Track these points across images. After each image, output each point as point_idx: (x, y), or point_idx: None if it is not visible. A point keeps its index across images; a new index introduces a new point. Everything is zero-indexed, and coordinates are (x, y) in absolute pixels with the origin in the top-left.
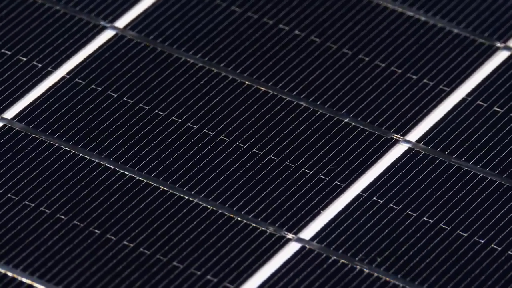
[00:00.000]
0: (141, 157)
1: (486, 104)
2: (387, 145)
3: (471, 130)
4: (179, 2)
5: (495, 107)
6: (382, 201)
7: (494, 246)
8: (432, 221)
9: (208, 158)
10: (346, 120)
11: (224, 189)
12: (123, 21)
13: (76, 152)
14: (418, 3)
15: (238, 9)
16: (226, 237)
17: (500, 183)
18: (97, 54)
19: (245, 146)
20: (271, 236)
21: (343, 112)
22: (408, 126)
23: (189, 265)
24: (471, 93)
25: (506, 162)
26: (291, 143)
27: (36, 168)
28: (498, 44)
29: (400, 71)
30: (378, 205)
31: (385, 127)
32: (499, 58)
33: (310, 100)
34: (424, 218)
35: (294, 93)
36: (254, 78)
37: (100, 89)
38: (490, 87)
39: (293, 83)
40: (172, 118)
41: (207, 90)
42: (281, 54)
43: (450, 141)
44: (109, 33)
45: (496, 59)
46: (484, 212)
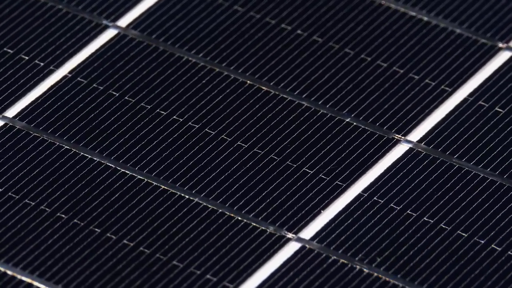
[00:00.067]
0: (142, 156)
1: (488, 105)
2: (388, 145)
3: (472, 130)
4: (182, 2)
5: (496, 108)
6: (382, 201)
7: (494, 247)
8: (433, 221)
9: (209, 157)
10: (347, 120)
11: (225, 189)
12: (126, 20)
13: (77, 151)
14: (420, 3)
15: (240, 9)
16: (226, 237)
17: (501, 184)
18: (99, 53)
19: (246, 146)
20: (271, 235)
21: (344, 112)
22: (410, 126)
23: (188, 264)
24: (473, 94)
25: (507, 163)
26: (292, 143)
27: (37, 167)
28: (500, 45)
29: (402, 71)
30: (379, 205)
31: (386, 127)
32: (501, 58)
33: (312, 99)
34: (424, 218)
35: (295, 93)
36: (255, 77)
37: (101, 88)
38: (492, 88)
39: (295, 83)
40: (174, 117)
41: (209, 90)
42: (283, 53)
43: (451, 142)
44: (111, 32)
45: (498, 60)
46: (484, 212)
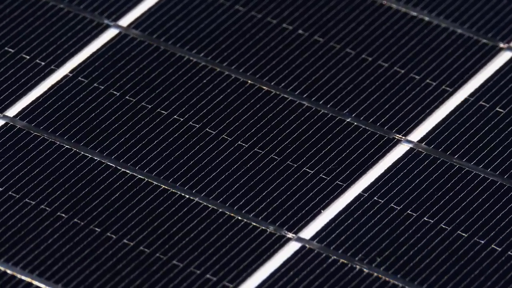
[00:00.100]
0: (142, 156)
1: (489, 105)
2: (389, 145)
3: (473, 130)
4: (183, 1)
5: (497, 108)
6: (382, 201)
7: (494, 247)
8: (433, 221)
9: (209, 157)
10: (348, 120)
11: (225, 188)
12: (127, 19)
13: (77, 150)
14: (422, 3)
15: (241, 8)
16: (226, 236)
17: (501, 184)
18: (100, 52)
19: (246, 145)
20: (271, 235)
21: (345, 112)
22: (410, 126)
23: (188, 264)
24: (473, 94)
25: (507, 163)
26: (292, 143)
27: (37, 166)
28: (501, 45)
29: (403, 71)
30: (379, 205)
31: (387, 127)
32: (502, 58)
33: (313, 99)
34: (424, 218)
35: (296, 93)
36: (256, 77)
37: (102, 87)
38: (493, 88)
39: (296, 83)
40: (174, 116)
41: (210, 89)
42: (284, 53)
43: (452, 142)
44: (112, 32)
45: (499, 60)
46: (484, 212)
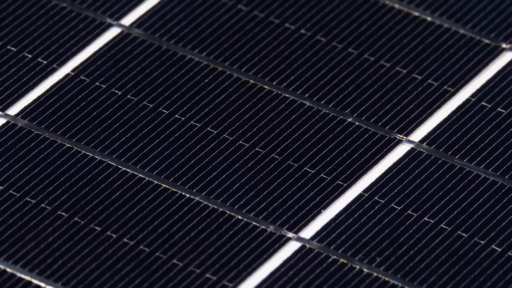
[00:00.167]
0: (144, 155)
1: (490, 105)
2: (390, 145)
3: (474, 131)
4: (185, 1)
5: (499, 108)
6: (383, 201)
7: (495, 247)
8: (433, 221)
9: (211, 156)
10: (349, 120)
11: (226, 188)
12: (129, 18)
13: (78, 149)
14: (424, 3)
15: (244, 8)
16: (226, 236)
17: (502, 184)
18: (103, 51)
19: (247, 145)
20: (271, 235)
21: (346, 112)
22: (412, 126)
23: (188, 263)
24: (475, 94)
25: (508, 163)
26: (293, 142)
27: (39, 165)
28: (503, 45)
29: (405, 71)
30: (379, 205)
31: (388, 127)
32: (504, 59)
33: (314, 99)
34: (425, 219)
35: (298, 92)
36: (258, 76)
37: (104, 86)
38: (494, 88)
39: (298, 82)
40: (176, 116)
41: (211, 89)
42: (286, 53)
43: (453, 142)
44: (115, 31)
45: (502, 60)
46: (485, 213)
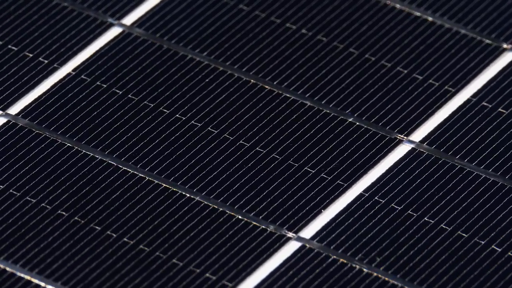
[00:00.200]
0: (144, 154)
1: (491, 106)
2: (391, 145)
3: (475, 131)
4: (186, 0)
5: (500, 109)
6: (383, 201)
7: (495, 247)
8: (433, 221)
9: (211, 156)
10: (350, 120)
11: (226, 187)
12: (131, 18)
13: (79, 149)
14: (426, 3)
15: (245, 8)
16: (227, 235)
17: (502, 184)
18: (104, 51)
19: (248, 145)
20: (271, 234)
21: (347, 112)
22: (412, 126)
23: (188, 262)
24: (476, 94)
25: (509, 164)
26: (294, 142)
27: (39, 164)
28: (504, 46)
29: (406, 71)
30: (380, 205)
31: (389, 127)
32: (505, 59)
33: (315, 99)
34: (425, 219)
35: (299, 92)
36: (259, 76)
37: (105, 86)
38: (495, 88)
39: (299, 82)
40: (177, 115)
41: (212, 88)
42: (287, 53)
43: (454, 142)
44: (116, 30)
45: (503, 60)
46: (485, 213)
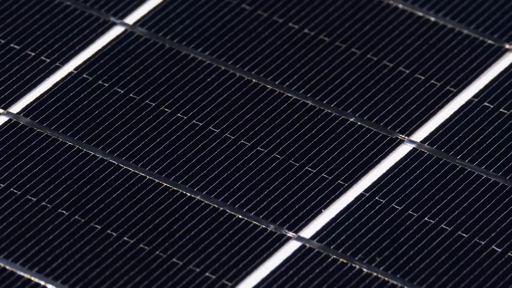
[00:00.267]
0: (145, 154)
1: (493, 106)
2: (392, 145)
3: (476, 131)
4: (189, 0)
5: (501, 109)
6: (384, 201)
7: (495, 248)
8: (434, 221)
9: (212, 155)
10: (351, 120)
11: (227, 187)
12: (133, 17)
13: (80, 148)
14: (429, 3)
15: (248, 7)
16: (227, 235)
17: (503, 185)
18: (106, 50)
19: (249, 144)
20: (272, 234)
21: (349, 112)
22: (414, 126)
23: (188, 262)
24: (478, 95)
25: (510, 164)
26: (295, 142)
27: (40, 163)
28: (507, 46)
29: (408, 71)
30: (380, 205)
31: (390, 127)
32: (507, 59)
33: (316, 99)
34: (425, 219)
35: (300, 92)
36: (261, 76)
37: (107, 85)
38: (497, 89)
39: (300, 82)
40: (178, 115)
41: (214, 88)
42: (290, 52)
43: (455, 142)
44: (118, 29)
45: (505, 61)
46: (486, 213)
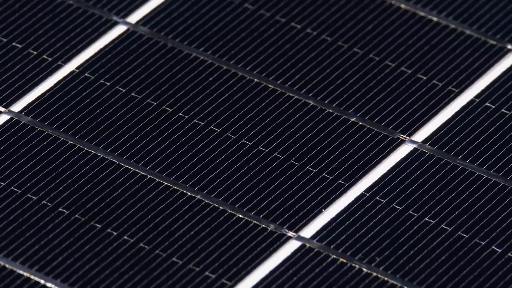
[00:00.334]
0: (146, 153)
1: (494, 106)
2: (393, 145)
3: (477, 131)
4: None
5: (503, 109)
6: (384, 201)
7: (495, 248)
8: (434, 222)
9: (213, 154)
10: (352, 119)
11: (227, 186)
12: (135, 16)
13: (81, 146)
14: (431, 4)
15: (250, 7)
16: (227, 234)
17: (504, 185)
18: (108, 49)
19: (250, 143)
20: (272, 233)
21: (350, 111)
22: (415, 126)
23: (188, 261)
24: (480, 95)
25: (511, 165)
26: (296, 141)
27: (41, 162)
28: (509, 46)
29: (409, 72)
30: (381, 205)
31: (391, 127)
32: (509, 60)
33: (318, 98)
34: (425, 219)
35: (302, 91)
36: (263, 75)
37: (108, 84)
38: (499, 89)
39: (302, 81)
40: (179, 114)
41: (216, 87)
42: (292, 52)
43: (456, 142)
44: (120, 28)
45: (507, 61)
46: (486, 213)
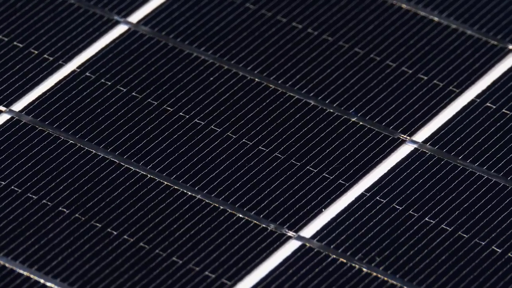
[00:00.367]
0: (146, 152)
1: (495, 106)
2: (394, 145)
3: (478, 132)
4: None
5: (504, 110)
6: (384, 201)
7: (495, 248)
8: (434, 222)
9: (214, 154)
10: (353, 119)
11: (227, 186)
12: (137, 16)
13: (81, 146)
14: (432, 4)
15: (252, 6)
16: (227, 234)
17: (504, 186)
18: (109, 48)
19: (251, 143)
20: (272, 233)
21: (351, 111)
22: (416, 126)
23: (188, 260)
24: (480, 95)
25: (511, 165)
26: (297, 141)
27: (41, 161)
28: (510, 46)
29: (410, 72)
30: (381, 204)
31: (392, 127)
32: (510, 60)
33: (319, 98)
34: (426, 219)
35: (303, 91)
36: (264, 75)
37: (109, 83)
38: (500, 89)
39: (303, 81)
40: (180, 113)
41: (217, 87)
42: (293, 52)
43: (457, 143)
44: (122, 28)
45: (508, 61)
46: (486, 214)
